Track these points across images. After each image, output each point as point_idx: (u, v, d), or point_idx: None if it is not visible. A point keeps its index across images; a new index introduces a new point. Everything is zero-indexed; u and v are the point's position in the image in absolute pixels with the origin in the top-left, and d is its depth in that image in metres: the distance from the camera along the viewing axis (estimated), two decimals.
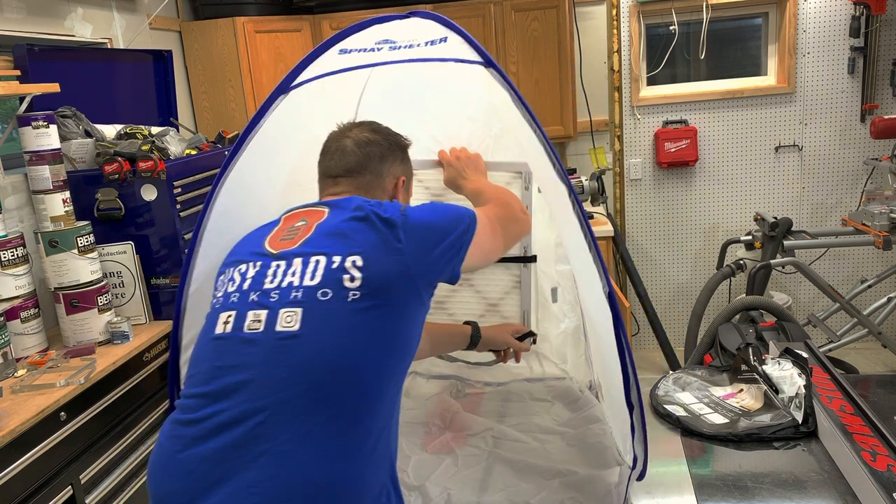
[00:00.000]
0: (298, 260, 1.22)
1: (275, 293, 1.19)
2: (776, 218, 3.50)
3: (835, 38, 3.77)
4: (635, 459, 1.41)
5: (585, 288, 1.52)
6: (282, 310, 1.16)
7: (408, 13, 1.49)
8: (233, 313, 1.20)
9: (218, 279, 1.33)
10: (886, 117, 3.41)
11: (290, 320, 1.15)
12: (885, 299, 3.51)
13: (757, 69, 3.99)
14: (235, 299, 1.22)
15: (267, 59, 3.52)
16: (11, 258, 2.03)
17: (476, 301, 2.13)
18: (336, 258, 1.20)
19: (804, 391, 1.54)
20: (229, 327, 1.19)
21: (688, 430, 1.57)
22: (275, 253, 1.26)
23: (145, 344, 2.21)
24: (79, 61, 2.66)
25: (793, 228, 3.53)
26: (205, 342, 1.23)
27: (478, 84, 1.52)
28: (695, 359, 2.83)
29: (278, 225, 1.36)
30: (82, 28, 2.74)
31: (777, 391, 1.63)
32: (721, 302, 3.88)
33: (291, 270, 1.21)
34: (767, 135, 3.94)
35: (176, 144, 2.52)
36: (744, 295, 3.29)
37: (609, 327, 1.29)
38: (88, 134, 2.43)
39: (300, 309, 1.15)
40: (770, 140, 3.94)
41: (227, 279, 1.28)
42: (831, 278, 3.94)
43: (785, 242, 3.36)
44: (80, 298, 2.14)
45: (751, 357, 1.78)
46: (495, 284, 2.12)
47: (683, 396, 1.72)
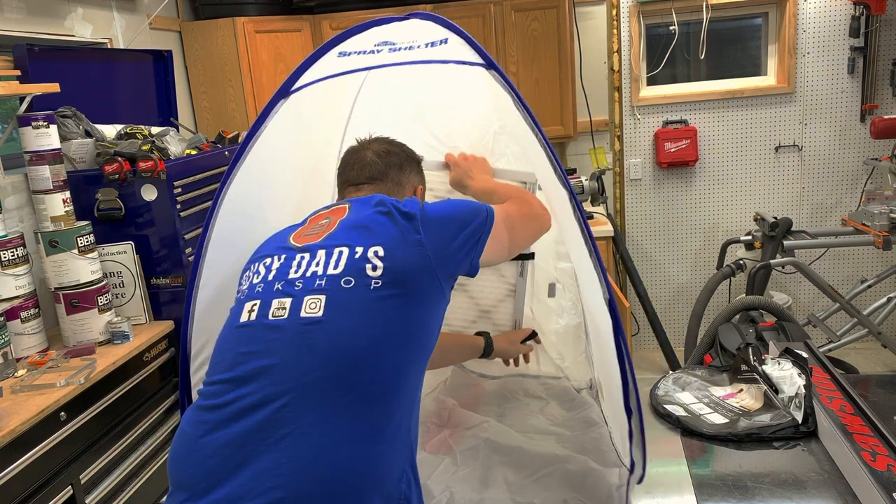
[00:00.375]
0: (322, 251, 1.26)
1: (299, 282, 1.22)
2: (776, 218, 3.50)
3: (835, 38, 3.77)
4: (633, 464, 1.41)
5: (586, 288, 1.52)
6: (306, 297, 1.19)
7: (407, 14, 1.49)
8: (257, 302, 1.23)
9: (242, 276, 1.36)
10: (886, 117, 3.42)
11: (315, 306, 1.18)
12: (885, 299, 3.51)
13: (757, 69, 3.99)
14: (260, 289, 1.25)
15: (267, 59, 3.52)
16: (11, 258, 2.03)
17: (469, 307, 2.13)
18: (359, 249, 1.24)
19: (804, 391, 1.54)
20: (254, 315, 1.22)
21: (688, 430, 1.57)
22: (299, 246, 1.30)
23: (145, 344, 2.21)
24: (79, 61, 2.66)
25: (793, 228, 3.53)
26: (229, 331, 1.25)
27: (477, 82, 1.52)
28: (695, 359, 2.83)
29: (304, 225, 1.40)
30: (82, 28, 2.74)
31: (777, 391, 1.63)
32: (721, 302, 3.88)
33: (315, 261, 1.25)
34: (767, 135, 3.94)
35: (176, 144, 2.52)
36: (744, 295, 3.29)
37: (609, 332, 1.29)
38: (88, 134, 2.43)
39: (324, 296, 1.19)
40: (770, 140, 3.94)
41: (253, 272, 1.31)
42: (831, 278, 3.94)
43: (785, 242, 3.36)
44: (81, 298, 2.14)
45: (751, 357, 1.78)
46: (490, 291, 2.11)
47: (683, 396, 1.72)
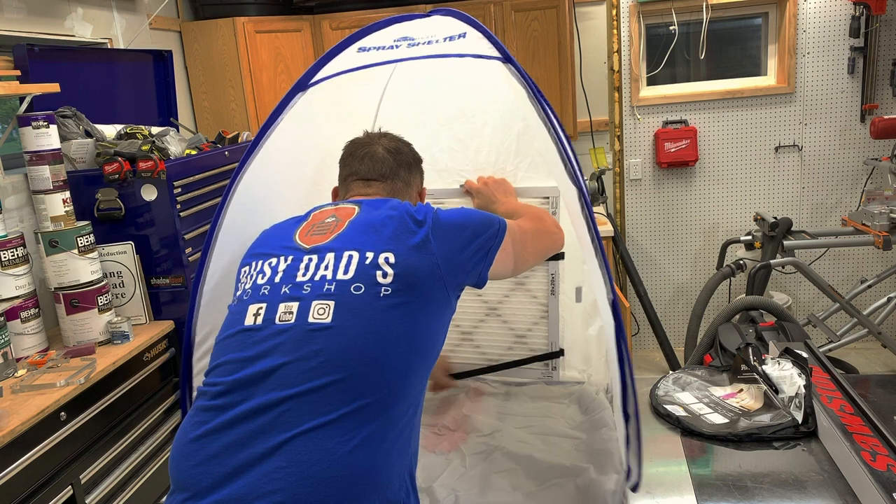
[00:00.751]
0: (331, 254, 1.25)
1: (307, 285, 1.21)
2: (776, 218, 3.50)
3: (835, 38, 3.77)
4: (629, 470, 1.40)
5: (595, 288, 1.52)
6: (314, 301, 1.19)
7: (429, 12, 1.50)
8: (263, 305, 1.22)
9: (241, 270, 1.35)
10: (886, 117, 3.42)
11: (323, 312, 1.17)
12: (885, 299, 3.51)
13: (757, 69, 3.99)
14: (266, 291, 1.24)
15: (267, 59, 3.52)
16: (11, 258, 2.03)
17: (503, 332, 2.10)
18: (369, 254, 1.23)
19: (804, 391, 1.54)
20: (260, 319, 1.21)
21: (688, 430, 1.57)
22: (307, 247, 1.28)
23: (145, 344, 2.21)
24: (79, 61, 2.66)
25: (793, 228, 3.53)
26: (232, 333, 1.24)
27: (498, 82, 1.52)
28: (695, 359, 2.83)
29: (307, 220, 1.37)
30: (82, 28, 2.74)
31: (777, 391, 1.63)
32: (721, 302, 3.88)
33: (324, 264, 1.23)
34: (767, 135, 3.94)
35: (176, 144, 2.52)
36: (744, 295, 3.30)
37: (611, 334, 1.28)
38: (88, 134, 2.43)
39: (332, 302, 1.18)
40: (770, 140, 3.94)
41: (256, 271, 1.30)
42: (831, 278, 3.94)
43: (785, 242, 3.36)
44: (81, 298, 2.14)
45: (751, 357, 1.78)
46: (523, 315, 2.08)
47: (683, 396, 1.72)
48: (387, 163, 1.49)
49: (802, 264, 3.43)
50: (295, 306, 1.19)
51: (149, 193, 2.34)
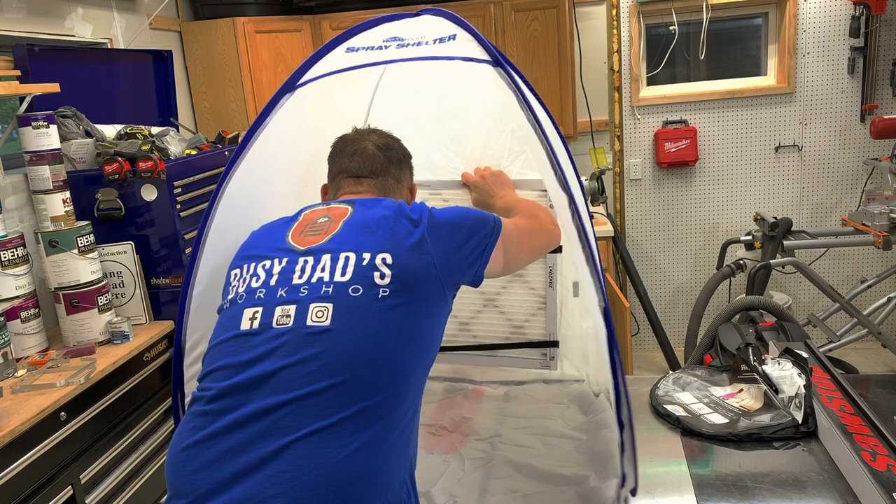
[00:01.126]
0: (327, 256, 1.23)
1: (304, 288, 1.20)
2: (776, 218, 3.51)
3: (835, 38, 3.77)
4: (625, 477, 1.40)
5: (588, 296, 1.51)
6: (312, 304, 1.17)
7: (419, 11, 1.48)
8: (259, 309, 1.20)
9: (231, 272, 1.33)
10: (886, 117, 3.42)
11: (321, 315, 1.16)
12: (885, 299, 3.51)
13: (757, 69, 3.99)
14: (262, 295, 1.22)
15: (267, 59, 3.52)
16: (11, 258, 2.03)
17: (500, 322, 2.09)
18: (366, 255, 1.21)
19: (804, 391, 1.54)
20: (257, 323, 1.19)
21: (688, 430, 1.57)
22: (301, 249, 1.27)
23: (145, 344, 2.21)
24: (79, 61, 2.66)
25: (793, 228, 3.53)
26: (227, 337, 1.22)
27: (490, 81, 1.51)
28: (695, 359, 2.83)
29: (298, 220, 1.35)
30: (82, 28, 2.74)
31: (777, 391, 1.63)
32: (721, 302, 3.88)
33: (321, 266, 1.22)
34: (767, 135, 3.94)
35: (176, 144, 2.52)
36: (744, 295, 3.29)
37: (604, 342, 1.27)
38: (88, 134, 2.43)
39: (331, 304, 1.17)
40: (770, 140, 3.94)
41: (249, 274, 1.27)
42: (831, 278, 3.94)
43: (785, 242, 3.36)
44: (81, 298, 2.14)
45: (751, 357, 1.78)
46: (521, 306, 2.07)
47: (683, 396, 1.72)
48: (377, 159, 1.47)
49: (802, 264, 3.43)
50: (292, 309, 1.18)
51: (149, 193, 2.34)
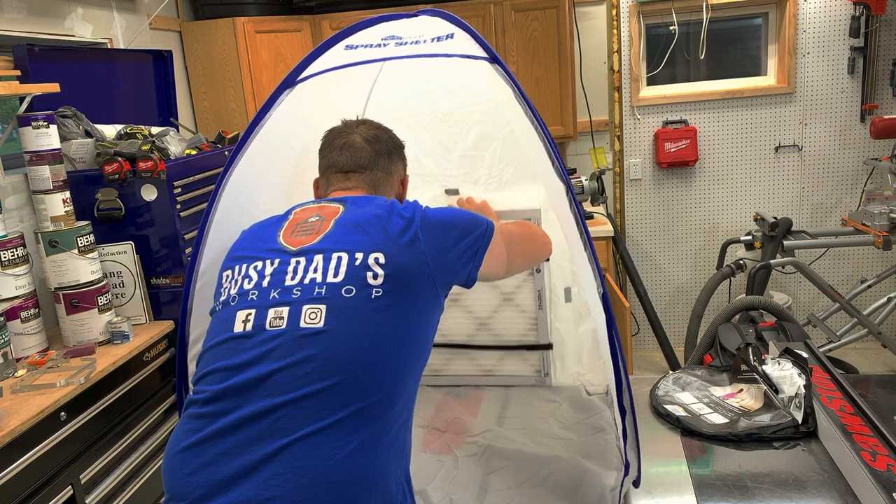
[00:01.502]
0: (319, 256, 1.22)
1: (297, 289, 1.19)
2: (776, 218, 3.50)
3: (835, 38, 3.77)
4: (628, 465, 1.41)
5: (586, 284, 1.52)
6: (305, 305, 1.17)
7: (416, 12, 1.49)
8: (252, 311, 1.20)
9: (222, 274, 1.32)
10: (886, 117, 3.41)
11: (315, 316, 1.16)
12: (885, 299, 3.51)
13: (757, 69, 3.99)
14: (255, 297, 1.22)
15: (267, 59, 3.52)
16: (11, 258, 2.03)
17: (494, 344, 2.14)
18: (358, 255, 1.21)
19: (804, 391, 1.54)
20: (250, 325, 1.19)
21: (688, 430, 1.57)
22: (293, 249, 1.26)
23: (145, 344, 2.21)
24: (79, 61, 2.66)
25: (793, 228, 3.53)
26: (221, 340, 1.21)
27: (485, 85, 1.52)
28: (695, 359, 2.83)
29: (288, 220, 1.35)
30: (82, 28, 2.74)
31: (777, 391, 1.63)
32: (721, 302, 3.88)
33: (313, 267, 1.21)
34: (767, 135, 3.94)
35: (176, 144, 2.52)
36: (744, 295, 3.29)
37: (604, 328, 1.29)
38: (88, 134, 2.43)
39: (324, 305, 1.16)
40: (770, 140, 3.94)
41: (241, 276, 1.27)
42: (831, 278, 3.94)
43: (785, 242, 3.36)
44: (81, 298, 2.14)
45: (751, 357, 1.78)
46: (513, 328, 2.12)
47: (683, 396, 1.72)
48: (365, 153, 1.44)
49: (802, 264, 3.43)
50: (285, 311, 1.17)
51: (149, 193, 2.34)
